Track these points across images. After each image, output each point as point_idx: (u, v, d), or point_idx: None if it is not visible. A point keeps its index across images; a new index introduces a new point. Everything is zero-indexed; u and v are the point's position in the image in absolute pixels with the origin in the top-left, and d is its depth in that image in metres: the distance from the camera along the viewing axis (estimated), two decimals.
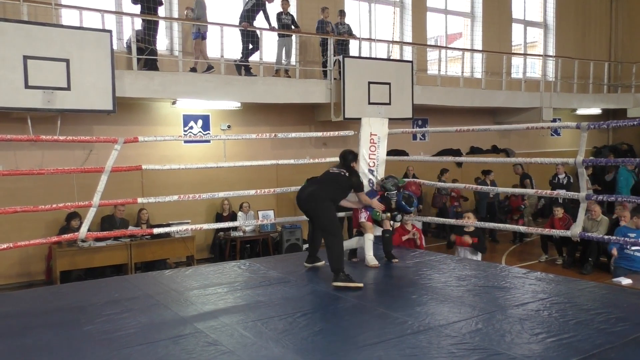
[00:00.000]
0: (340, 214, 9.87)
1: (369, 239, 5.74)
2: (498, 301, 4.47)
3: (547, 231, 6.01)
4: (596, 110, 15.54)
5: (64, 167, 6.37)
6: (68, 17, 8.69)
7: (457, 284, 5.03)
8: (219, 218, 10.03)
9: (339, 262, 4.96)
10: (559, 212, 9.39)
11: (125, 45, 9.29)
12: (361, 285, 4.85)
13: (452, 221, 8.12)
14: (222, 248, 9.95)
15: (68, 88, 7.66)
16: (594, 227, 8.90)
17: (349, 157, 5.75)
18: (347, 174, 5.56)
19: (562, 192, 6.54)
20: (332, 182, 5.49)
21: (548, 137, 15.53)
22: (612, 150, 15.60)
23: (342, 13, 11.30)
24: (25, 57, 7.33)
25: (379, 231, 6.00)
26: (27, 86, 7.36)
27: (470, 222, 7.10)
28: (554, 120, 14.09)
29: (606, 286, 5.29)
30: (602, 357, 3.33)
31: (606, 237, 5.52)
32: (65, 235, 5.78)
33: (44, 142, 6.53)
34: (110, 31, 8.14)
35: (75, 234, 5.45)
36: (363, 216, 5.81)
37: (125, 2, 9.59)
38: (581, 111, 15.22)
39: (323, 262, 5.67)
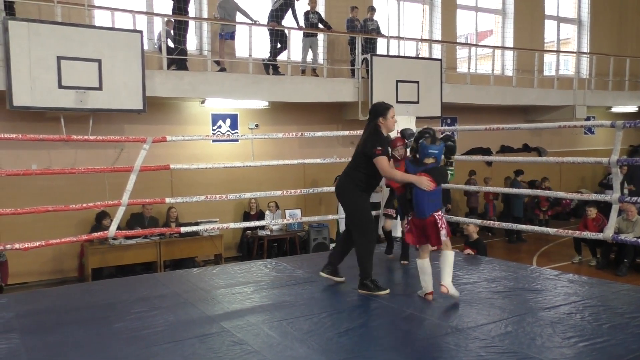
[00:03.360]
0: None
1: (449, 262, 4.32)
2: (529, 303, 4.38)
3: (577, 234, 5.84)
4: (632, 108, 15.12)
5: (95, 166, 6.50)
6: (100, 18, 8.84)
7: (487, 286, 4.94)
8: (247, 217, 10.08)
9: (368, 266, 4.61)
10: (592, 212, 9.17)
11: (155, 46, 9.42)
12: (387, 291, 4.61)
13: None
14: (250, 247, 10.01)
15: (100, 88, 7.80)
16: (629, 228, 8.68)
17: (375, 111, 4.69)
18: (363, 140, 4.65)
19: (593, 195, 6.36)
20: (353, 159, 4.77)
21: (581, 135, 15.20)
22: None
23: (371, 9, 11.25)
24: (59, 58, 7.49)
25: (398, 231, 5.88)
26: (60, 86, 7.52)
27: (471, 231, 7.15)
28: (588, 119, 13.77)
29: None
30: None
31: None
32: (95, 234, 5.86)
33: (76, 142, 6.66)
34: (141, 32, 8.26)
35: (105, 232, 5.53)
36: (444, 233, 4.25)
37: (157, 2, 9.73)
38: (616, 109, 14.83)
39: (344, 278, 4.95)
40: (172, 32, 9.04)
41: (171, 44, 9.01)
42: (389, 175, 4.54)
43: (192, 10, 9.74)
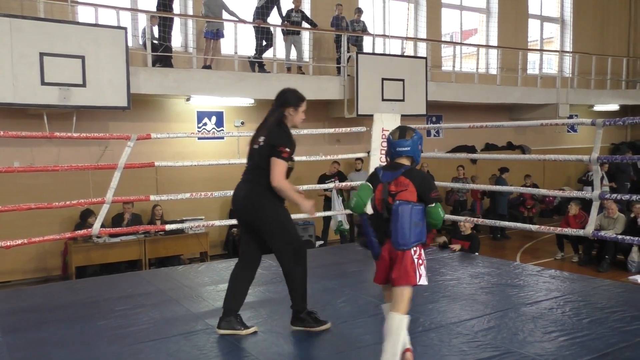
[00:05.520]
0: None
1: (402, 327, 3.05)
2: (511, 299, 4.44)
3: (559, 230, 5.93)
4: (614, 107, 15.32)
5: (79, 164, 6.43)
6: (84, 14, 8.76)
7: (470, 282, 5.00)
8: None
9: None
10: (574, 209, 9.29)
11: (140, 43, 9.35)
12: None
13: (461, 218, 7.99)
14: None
15: (83, 85, 7.72)
16: (610, 225, 8.79)
17: (284, 99, 3.70)
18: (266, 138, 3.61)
19: (574, 193, 6.46)
20: (254, 160, 3.76)
21: (564, 133, 15.35)
22: (631, 147, 15.38)
23: (359, 11, 11.26)
24: (42, 54, 7.40)
25: None
26: (43, 83, 7.43)
27: (467, 225, 7.09)
28: (571, 117, 13.93)
29: (621, 284, 5.22)
30: (616, 356, 3.29)
31: (620, 236, 5.44)
32: (79, 231, 5.84)
33: (60, 139, 6.62)
34: (125, 28, 8.20)
35: (89, 229, 5.51)
36: (423, 273, 3.09)
37: None
38: (599, 107, 15.01)
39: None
40: (156, 28, 8.99)
41: (156, 40, 8.96)
42: (278, 184, 3.51)
43: (177, 7, 9.68)
